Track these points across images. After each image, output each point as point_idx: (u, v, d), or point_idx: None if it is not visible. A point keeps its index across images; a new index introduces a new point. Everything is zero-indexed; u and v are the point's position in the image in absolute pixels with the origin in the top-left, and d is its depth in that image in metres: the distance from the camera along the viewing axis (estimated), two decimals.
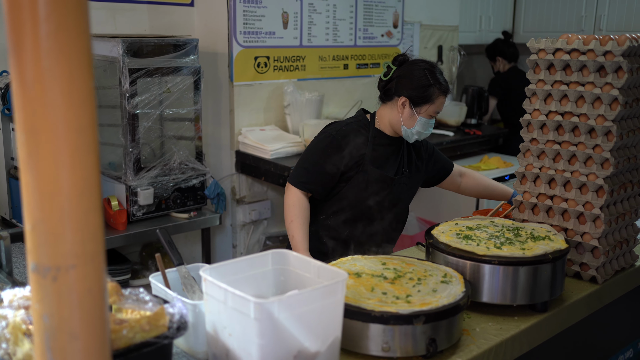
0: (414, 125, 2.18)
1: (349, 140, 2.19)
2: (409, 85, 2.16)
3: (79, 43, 0.76)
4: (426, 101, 2.15)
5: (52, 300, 0.79)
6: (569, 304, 1.72)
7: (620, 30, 4.67)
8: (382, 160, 2.24)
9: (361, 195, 2.20)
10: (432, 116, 2.19)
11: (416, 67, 2.18)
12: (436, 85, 2.14)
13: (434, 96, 2.15)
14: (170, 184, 2.91)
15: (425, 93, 2.15)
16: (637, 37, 1.79)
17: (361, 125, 2.25)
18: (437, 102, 2.17)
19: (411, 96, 2.16)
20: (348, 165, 2.18)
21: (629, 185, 1.92)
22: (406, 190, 2.30)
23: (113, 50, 2.72)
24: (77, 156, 0.77)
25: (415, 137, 2.22)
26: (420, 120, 2.17)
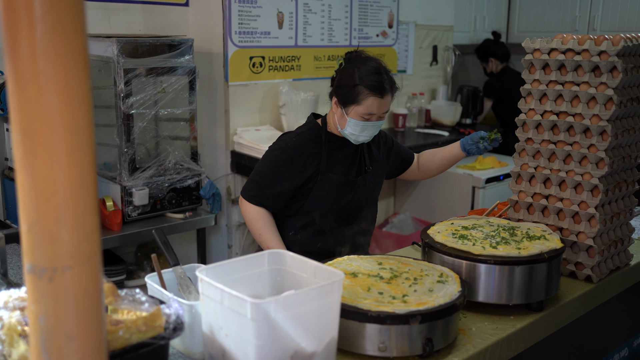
0: (345, 127, 2.09)
1: (300, 152, 2.11)
2: (339, 83, 2.09)
3: (75, 43, 0.76)
4: (351, 101, 2.05)
5: (48, 301, 0.79)
6: (564, 303, 1.72)
7: (614, 30, 4.69)
8: (342, 163, 2.17)
9: (326, 204, 2.13)
10: (365, 117, 2.05)
11: (349, 65, 2.09)
12: (362, 85, 2.02)
13: (360, 97, 2.03)
14: (165, 184, 2.91)
15: (349, 92, 2.04)
16: (632, 37, 1.80)
17: (313, 133, 2.17)
18: (366, 103, 2.03)
19: (338, 95, 2.08)
20: (304, 177, 2.11)
21: (624, 185, 1.93)
22: (372, 188, 2.26)
23: (108, 50, 2.71)
24: (73, 156, 0.76)
25: (353, 139, 2.12)
26: (350, 122, 2.07)
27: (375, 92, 2.02)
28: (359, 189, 2.19)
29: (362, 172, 2.21)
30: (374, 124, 2.08)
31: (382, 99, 2.03)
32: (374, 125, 2.08)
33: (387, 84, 2.04)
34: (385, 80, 2.04)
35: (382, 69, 2.06)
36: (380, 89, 2.02)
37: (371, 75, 2.02)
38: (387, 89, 2.04)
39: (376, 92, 2.02)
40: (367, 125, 2.07)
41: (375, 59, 2.11)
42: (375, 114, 2.05)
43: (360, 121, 2.05)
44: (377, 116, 2.07)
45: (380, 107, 2.05)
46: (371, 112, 2.04)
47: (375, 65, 2.06)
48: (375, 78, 2.02)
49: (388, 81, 2.05)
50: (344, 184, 2.15)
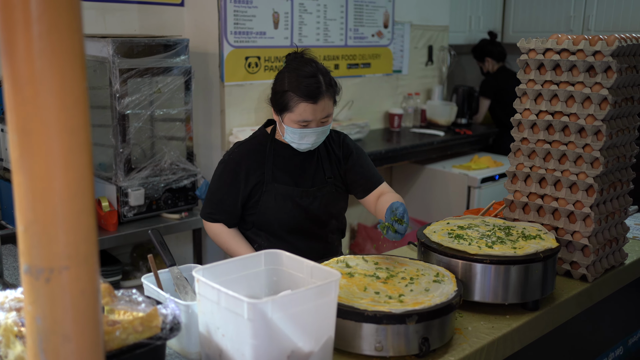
0: (285, 134, 1.95)
1: (242, 162, 2.00)
2: (272, 89, 1.96)
3: (71, 44, 0.76)
4: (284, 108, 1.90)
5: (45, 301, 0.79)
6: (559, 302, 1.73)
7: (608, 30, 4.71)
8: (292, 173, 2.03)
9: (276, 217, 2.00)
10: (302, 125, 1.90)
11: (284, 69, 1.94)
12: (291, 91, 1.87)
13: (291, 103, 1.87)
14: (161, 184, 2.90)
15: (280, 99, 1.91)
16: (626, 38, 1.81)
17: (258, 142, 2.04)
18: (298, 110, 1.87)
19: (272, 102, 1.96)
20: (248, 188, 2.00)
21: (618, 184, 1.94)
22: (335, 198, 2.07)
23: (103, 51, 2.70)
24: (69, 157, 0.76)
25: (295, 147, 1.97)
26: (287, 130, 1.93)
27: (306, 97, 1.86)
28: (316, 200, 2.03)
29: (320, 182, 2.04)
30: (314, 130, 1.91)
31: (315, 105, 1.87)
32: (314, 131, 1.91)
33: (323, 87, 1.87)
34: (319, 84, 1.87)
35: (318, 71, 1.90)
36: (311, 94, 1.85)
37: (302, 79, 1.87)
38: (320, 93, 1.87)
39: (307, 97, 1.86)
40: (306, 132, 1.91)
41: (313, 61, 1.95)
42: (311, 120, 1.89)
43: (297, 129, 1.91)
44: (316, 122, 1.90)
45: (315, 113, 1.88)
46: (305, 119, 1.88)
47: (310, 69, 1.89)
48: (306, 82, 1.86)
49: (324, 84, 1.88)
50: (294, 195, 2.00)
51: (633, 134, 1.95)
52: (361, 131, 3.95)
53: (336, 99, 1.96)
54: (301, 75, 1.88)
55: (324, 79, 1.89)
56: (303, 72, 1.88)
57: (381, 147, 3.87)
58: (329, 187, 2.05)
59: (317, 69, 1.91)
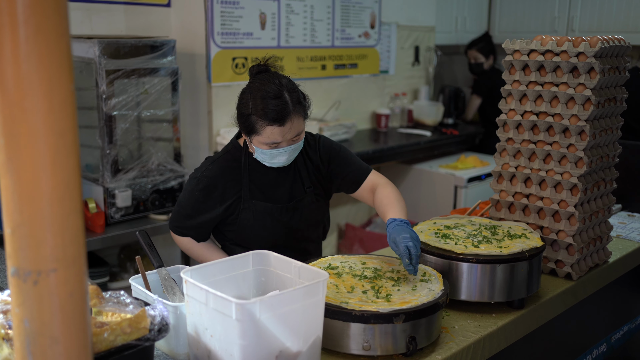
0: (255, 154, 1.86)
1: (217, 182, 1.89)
2: (237, 109, 1.84)
3: (58, 46, 0.76)
4: (250, 131, 1.79)
5: (32, 304, 0.79)
6: (545, 300, 1.75)
7: (592, 30, 4.76)
8: (270, 188, 1.94)
9: (256, 233, 1.92)
10: (271, 146, 1.79)
11: (246, 89, 1.82)
12: (255, 115, 1.75)
13: (257, 127, 1.76)
14: (148, 185, 2.90)
15: (246, 123, 1.79)
16: (609, 39, 1.83)
17: (232, 158, 1.92)
18: (266, 133, 1.75)
19: (239, 124, 1.84)
20: (224, 206, 1.90)
21: (602, 184, 1.96)
22: (315, 208, 1.98)
23: (89, 52, 2.69)
24: (57, 160, 0.77)
25: (268, 165, 1.88)
26: (257, 150, 1.83)
27: (274, 121, 1.74)
28: (296, 213, 1.94)
29: (299, 194, 1.95)
30: (286, 149, 1.81)
31: (282, 127, 1.75)
32: (285, 150, 1.81)
33: (290, 107, 1.75)
34: (286, 104, 1.75)
35: (284, 89, 1.78)
36: (277, 117, 1.74)
37: (267, 101, 1.74)
38: (287, 114, 1.75)
39: (274, 121, 1.74)
40: (277, 152, 1.81)
41: (277, 77, 1.82)
42: (281, 142, 1.79)
43: (267, 150, 1.80)
44: (287, 142, 1.80)
45: (284, 134, 1.77)
46: (274, 141, 1.77)
47: (274, 89, 1.77)
48: (271, 105, 1.74)
49: (291, 103, 1.76)
50: (274, 212, 1.92)
51: (616, 133, 1.98)
52: (348, 131, 3.96)
53: (307, 113, 1.86)
54: (266, 96, 1.75)
55: (290, 97, 1.77)
56: (267, 92, 1.76)
57: (368, 147, 3.88)
58: (308, 197, 1.96)
59: (282, 86, 1.79)
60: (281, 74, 1.86)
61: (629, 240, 2.25)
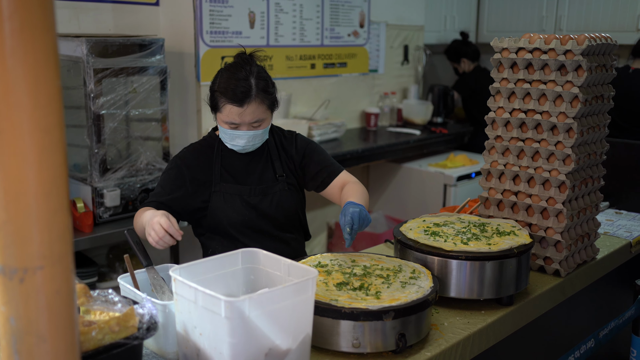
0: (220, 133, 1.97)
1: (188, 163, 1.99)
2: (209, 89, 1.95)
3: (44, 41, 0.75)
4: (214, 108, 1.92)
5: (19, 302, 0.78)
6: (533, 297, 1.76)
7: (580, 30, 4.80)
8: (240, 172, 2.01)
9: (227, 215, 1.98)
10: (230, 126, 1.89)
11: (222, 69, 1.93)
12: (219, 91, 1.86)
13: (219, 104, 1.88)
14: (137, 185, 2.88)
15: (211, 98, 1.92)
16: (596, 37, 1.85)
17: (206, 144, 2.04)
18: (225, 111, 1.86)
19: (208, 101, 1.96)
20: (195, 188, 1.97)
21: (590, 181, 1.97)
22: (289, 197, 2.04)
23: (77, 50, 2.67)
24: (44, 156, 0.76)
25: (229, 147, 1.97)
26: (220, 129, 1.94)
27: (232, 100, 1.83)
28: (266, 198, 2.00)
29: (269, 180, 2.03)
30: (245, 133, 1.90)
31: (241, 108, 1.84)
32: (245, 134, 1.90)
33: (252, 92, 1.84)
34: (249, 88, 1.83)
35: (251, 75, 1.86)
36: (237, 97, 1.83)
37: (232, 81, 1.84)
38: (248, 97, 1.83)
39: (233, 100, 1.83)
40: (236, 134, 1.90)
41: (254, 64, 1.91)
42: (238, 124, 1.88)
43: (227, 129, 1.90)
44: (246, 126, 1.88)
45: (242, 117, 1.85)
46: (232, 121, 1.87)
47: (244, 72, 1.86)
48: (234, 84, 1.83)
49: (255, 88, 1.84)
50: (242, 193, 1.99)
51: (603, 131, 1.99)
52: (338, 130, 3.96)
53: (273, 106, 1.94)
54: (233, 77, 1.85)
55: (256, 84, 1.85)
56: (235, 73, 1.86)
57: (358, 146, 3.88)
58: (280, 185, 2.03)
59: (251, 72, 1.87)
60: (258, 64, 1.95)
61: (616, 237, 2.27)
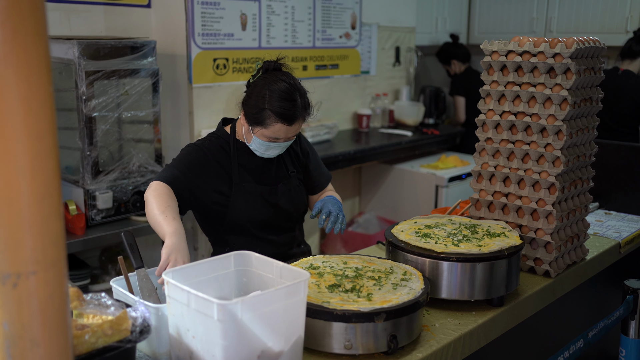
0: (251, 142, 2.00)
1: (213, 153, 2.01)
2: (248, 100, 1.97)
3: (36, 48, 0.76)
4: (258, 123, 1.94)
5: (12, 307, 0.78)
6: (524, 298, 1.77)
7: (570, 31, 4.83)
8: (257, 171, 2.06)
9: (250, 215, 2.03)
10: (271, 140, 1.95)
11: (262, 82, 1.95)
12: (271, 110, 1.90)
13: (267, 121, 1.91)
14: (129, 187, 2.88)
15: (257, 114, 1.93)
16: (584, 40, 1.87)
17: (221, 142, 2.05)
18: (272, 129, 1.92)
19: (247, 113, 1.97)
20: (215, 179, 2.00)
21: (579, 182, 1.99)
22: (300, 192, 2.14)
23: (68, 53, 2.67)
24: (36, 162, 0.76)
25: (258, 154, 2.03)
26: (255, 140, 1.98)
27: (283, 119, 1.91)
28: (284, 195, 2.08)
29: (283, 178, 2.10)
30: (281, 144, 1.99)
31: (289, 127, 1.93)
32: (280, 145, 1.99)
33: (299, 111, 1.93)
34: (296, 107, 1.92)
35: (296, 92, 1.93)
36: (289, 117, 1.91)
37: (282, 101, 1.90)
38: (297, 116, 1.93)
39: (284, 120, 1.91)
40: (273, 145, 1.98)
41: (291, 78, 1.97)
42: (281, 138, 1.96)
43: (265, 142, 1.97)
44: (285, 139, 1.98)
45: (287, 133, 1.95)
46: (277, 137, 1.95)
47: (287, 88, 1.92)
48: (285, 105, 1.90)
49: (300, 107, 1.93)
50: (264, 193, 2.05)
51: (592, 133, 2.01)
52: (330, 132, 3.97)
53: (306, 119, 2.02)
54: (282, 95, 1.90)
55: (301, 102, 1.94)
56: (284, 93, 1.91)
57: (350, 147, 3.90)
58: (292, 180, 2.13)
59: (297, 89, 1.95)
60: (292, 76, 2.02)
61: (605, 237, 2.29)
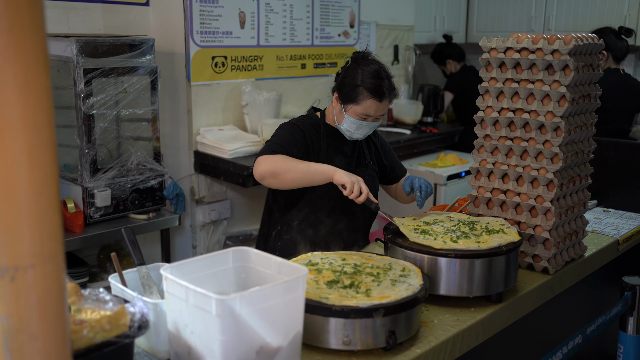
0: (342, 123, 2.17)
1: (306, 132, 2.19)
2: (342, 81, 2.16)
3: (33, 40, 0.76)
4: (351, 100, 2.12)
5: (10, 300, 0.78)
6: (522, 294, 1.78)
7: (568, 29, 4.83)
8: (341, 155, 2.24)
9: (329, 193, 2.16)
10: (362, 117, 2.13)
11: (354, 66, 2.15)
12: (363, 86, 2.09)
13: (359, 97, 2.10)
14: (128, 185, 2.88)
15: (350, 91, 2.12)
16: (582, 37, 1.87)
17: (312, 123, 2.25)
18: (364, 105, 2.10)
19: (340, 92, 2.15)
20: (307, 157, 2.16)
21: (577, 179, 2.00)
22: (373, 181, 2.30)
23: (67, 50, 2.67)
24: (34, 155, 0.76)
25: (348, 135, 2.20)
26: (347, 119, 2.15)
27: (375, 95, 2.08)
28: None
29: (362, 165, 2.28)
30: (370, 124, 2.15)
31: (380, 103, 2.10)
32: (369, 125, 2.15)
33: (387, 89, 2.11)
34: (385, 85, 2.10)
35: (385, 74, 2.13)
36: (380, 92, 2.09)
37: (373, 78, 2.09)
38: (386, 93, 2.11)
39: (375, 95, 2.08)
40: (363, 124, 2.14)
41: (379, 62, 2.18)
42: (372, 116, 2.12)
43: (356, 120, 2.13)
44: (374, 118, 2.13)
45: (377, 110, 2.12)
46: (368, 113, 2.11)
47: (378, 69, 2.12)
48: (376, 82, 2.09)
49: (388, 86, 2.12)
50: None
51: (590, 130, 2.01)
52: None
53: (392, 101, 2.19)
54: (375, 75, 2.10)
55: (388, 82, 2.13)
56: (377, 72, 2.11)
57: None
58: (369, 170, 2.29)
59: (386, 72, 2.15)
60: (380, 62, 2.20)
61: (604, 234, 2.29)
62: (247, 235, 3.67)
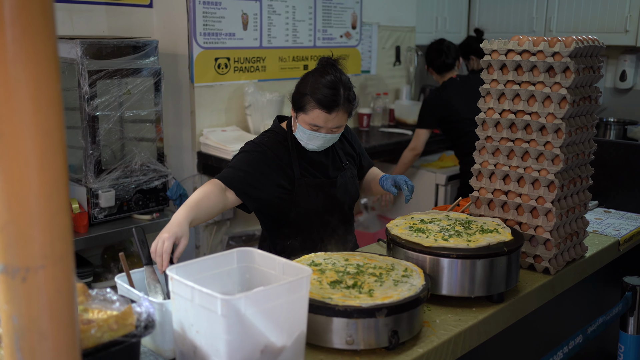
0: (296, 131, 2.09)
1: (271, 150, 2.10)
2: (296, 88, 2.08)
3: (45, 47, 0.77)
4: (299, 109, 2.04)
5: (21, 300, 0.80)
6: (523, 294, 1.79)
7: (569, 31, 4.84)
8: (316, 165, 2.17)
9: (313, 208, 2.13)
10: (312, 128, 2.03)
11: (312, 72, 2.06)
12: (311, 96, 1.99)
13: (307, 106, 2.01)
14: (131, 185, 2.90)
15: (299, 99, 2.04)
16: (583, 39, 1.88)
17: (279, 139, 2.14)
18: (312, 115, 2.00)
19: (293, 99, 2.08)
20: (278, 178, 2.09)
21: (578, 180, 2.01)
22: (354, 182, 2.27)
23: (71, 52, 2.69)
24: (45, 158, 0.78)
25: (303, 144, 2.10)
26: (299, 128, 2.07)
27: (322, 106, 1.98)
28: (341, 188, 2.20)
29: (339, 169, 2.23)
30: (323, 135, 2.04)
31: (328, 114, 1.99)
32: (322, 136, 2.05)
33: (340, 101, 1.99)
34: (337, 97, 1.98)
35: (340, 84, 2.00)
36: (327, 104, 1.98)
37: (325, 88, 1.98)
38: (336, 105, 1.99)
39: (322, 106, 1.98)
40: (315, 135, 2.04)
41: (338, 72, 2.05)
42: (322, 127, 2.02)
43: (307, 129, 2.04)
44: (327, 129, 2.03)
45: (327, 122, 2.01)
46: (316, 124, 2.01)
47: (333, 79, 2.00)
48: (326, 92, 1.97)
49: (342, 98, 1.99)
50: (324, 186, 2.15)
51: (591, 131, 2.02)
52: None
53: (351, 113, 2.08)
54: (323, 83, 1.99)
55: (343, 93, 2.00)
56: (327, 81, 1.99)
57: None
58: (348, 172, 2.25)
59: (341, 81, 2.02)
60: (343, 72, 2.10)
61: (604, 235, 2.30)
62: (250, 235, 3.69)
